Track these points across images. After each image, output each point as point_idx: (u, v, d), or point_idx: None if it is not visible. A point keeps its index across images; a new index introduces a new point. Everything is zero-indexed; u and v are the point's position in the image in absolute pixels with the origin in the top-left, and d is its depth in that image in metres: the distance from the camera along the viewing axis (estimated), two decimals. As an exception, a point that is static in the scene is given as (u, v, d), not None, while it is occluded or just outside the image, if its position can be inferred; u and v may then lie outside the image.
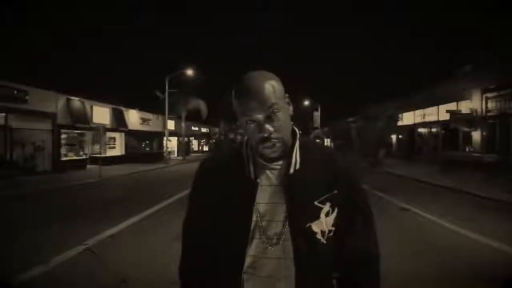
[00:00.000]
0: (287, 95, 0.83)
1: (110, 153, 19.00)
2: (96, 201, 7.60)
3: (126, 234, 4.68)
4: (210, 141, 42.28)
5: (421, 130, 20.01)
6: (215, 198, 0.85)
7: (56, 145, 14.14)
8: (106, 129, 17.66)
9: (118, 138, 20.15)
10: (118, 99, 19.77)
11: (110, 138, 19.33)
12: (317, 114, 40.35)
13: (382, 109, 19.78)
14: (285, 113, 0.80)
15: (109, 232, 4.66)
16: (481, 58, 15.06)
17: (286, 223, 0.80)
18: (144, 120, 23.16)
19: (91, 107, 16.80)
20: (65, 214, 6.01)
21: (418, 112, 19.72)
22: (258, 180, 0.82)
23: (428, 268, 3.34)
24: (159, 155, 23.36)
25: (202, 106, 25.48)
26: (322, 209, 0.81)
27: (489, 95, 13.43)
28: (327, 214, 0.81)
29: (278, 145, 0.78)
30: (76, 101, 15.49)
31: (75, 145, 16.37)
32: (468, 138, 14.71)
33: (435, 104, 17.36)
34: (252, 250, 0.81)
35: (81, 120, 15.57)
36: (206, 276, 0.87)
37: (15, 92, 11.90)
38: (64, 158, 14.86)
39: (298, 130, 0.87)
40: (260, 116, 0.76)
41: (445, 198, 7.63)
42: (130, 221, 5.34)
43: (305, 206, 0.80)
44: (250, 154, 0.84)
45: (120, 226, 5.01)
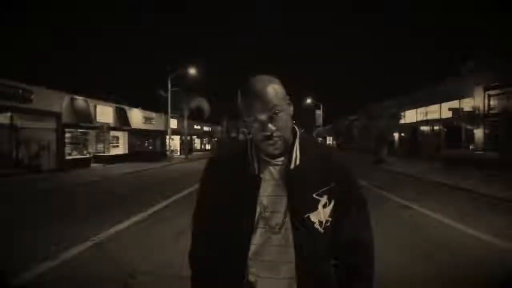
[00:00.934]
0: (288, 97, 0.91)
1: (114, 151, 19.18)
2: (101, 199, 7.72)
3: (132, 230, 4.78)
4: (213, 139, 42.39)
5: (423, 128, 20.00)
6: (222, 191, 0.93)
7: (60, 144, 14.30)
8: (109, 128, 17.88)
9: (121, 137, 20.31)
10: (120, 98, 19.94)
11: (114, 137, 19.50)
12: (319, 113, 40.31)
13: (384, 107, 19.78)
14: (286, 113, 0.88)
15: (115, 228, 4.76)
16: (482, 56, 15.04)
17: (287, 214, 0.88)
18: (147, 119, 23.31)
19: (95, 106, 16.94)
20: (70, 212, 6.13)
21: (420, 110, 19.70)
22: (262, 175, 0.91)
23: (425, 261, 3.41)
24: (162, 154, 23.52)
25: (205, 104, 25.58)
26: (320, 201, 0.89)
27: (491, 93, 13.42)
28: (325, 206, 0.89)
29: (279, 142, 0.87)
30: (80, 100, 15.64)
31: (79, 144, 16.54)
32: (470, 136, 14.71)
33: (438, 102, 17.34)
34: (256, 239, 0.89)
35: (85, 119, 15.73)
36: (215, 263, 0.95)
37: (20, 91, 12.03)
38: (68, 157, 15.03)
39: (298, 129, 0.96)
40: (263, 116, 0.84)
41: (445, 196, 7.67)
42: (135, 218, 5.44)
43: (304, 198, 0.88)
44: (254, 152, 0.93)
45: (126, 222, 5.11)
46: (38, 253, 3.67)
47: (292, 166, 0.89)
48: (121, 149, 20.15)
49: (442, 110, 16.96)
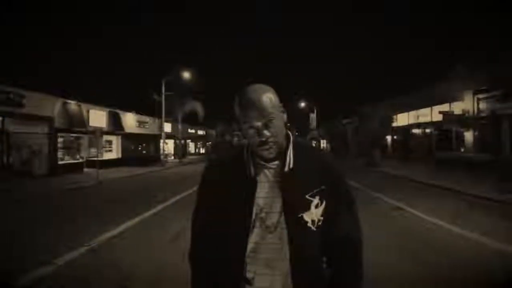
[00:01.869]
0: (281, 104, 0.98)
1: (107, 156, 19.02)
2: (95, 203, 7.67)
3: (127, 235, 4.78)
4: (207, 143, 42.28)
5: (415, 131, 20.31)
6: (221, 193, 0.99)
7: (52, 148, 14.15)
8: (102, 132, 17.72)
9: (115, 141, 20.17)
10: (115, 101, 19.83)
11: (107, 141, 19.35)
12: (313, 116, 40.59)
13: (377, 110, 20.05)
14: (280, 120, 0.94)
15: (110, 233, 4.75)
16: (473, 59, 15.39)
17: (282, 214, 0.94)
18: (140, 123, 23.19)
19: (88, 111, 16.83)
20: (65, 217, 6.09)
21: (412, 113, 20.01)
22: (258, 178, 0.97)
23: (412, 260, 3.49)
24: (156, 158, 23.39)
25: (199, 108, 25.58)
26: (312, 201, 0.95)
27: (480, 96, 13.72)
28: (317, 206, 0.95)
29: (274, 147, 0.93)
30: (72, 104, 15.52)
31: (72, 148, 16.37)
32: (460, 138, 15.00)
33: (429, 105, 17.65)
34: (253, 237, 0.95)
35: (77, 123, 15.60)
36: (214, 261, 1.00)
37: (12, 96, 11.92)
38: (60, 162, 14.87)
39: (291, 134, 1.02)
40: (259, 123, 0.90)
41: (437, 197, 7.82)
42: (130, 222, 5.43)
43: (297, 199, 0.95)
44: (250, 156, 0.99)
45: (120, 227, 5.10)
46: (32, 258, 3.65)
47: (286, 169, 0.96)
48: (114, 153, 20.00)
49: (433, 113, 17.26)
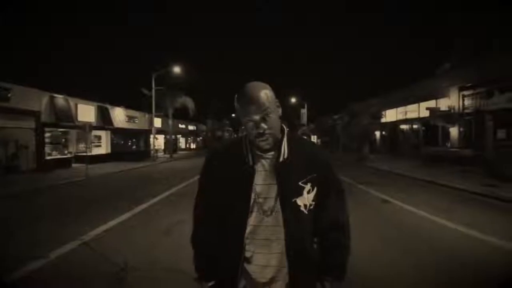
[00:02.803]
0: (277, 100, 1.08)
1: (96, 151, 18.76)
2: (86, 199, 7.63)
3: (119, 229, 4.81)
4: (198, 138, 42.13)
5: (403, 127, 20.76)
6: (221, 181, 1.09)
7: (40, 143, 13.90)
8: (91, 127, 17.45)
9: (104, 136, 19.90)
10: (104, 97, 19.53)
11: (96, 136, 19.08)
12: (303, 112, 40.91)
13: (366, 106, 20.39)
14: (275, 114, 1.05)
15: (103, 227, 4.78)
16: (459, 57, 15.80)
17: (278, 199, 1.04)
18: (130, 118, 22.93)
19: (76, 105, 16.54)
20: (56, 212, 6.06)
21: (400, 109, 20.43)
22: (255, 166, 1.07)
23: (399, 250, 3.67)
24: (146, 153, 23.21)
25: (190, 103, 25.42)
26: (304, 188, 1.06)
27: (465, 93, 14.13)
28: (309, 192, 1.06)
29: (270, 139, 1.03)
30: (60, 98, 15.23)
31: (60, 143, 16.09)
32: (446, 134, 15.45)
33: (416, 101, 18.06)
34: (251, 221, 1.05)
35: (65, 118, 15.32)
36: (215, 243, 1.10)
37: (-3, 89, 11.62)
38: (48, 157, 14.62)
39: (286, 127, 1.12)
40: (257, 117, 1.00)
41: (423, 191, 8.09)
42: (121, 217, 5.46)
43: (291, 186, 1.05)
44: (248, 146, 1.09)
45: (112, 222, 5.13)
46: (25, 253, 3.67)
47: (281, 159, 1.06)
48: (103, 148, 19.74)
49: (420, 109, 17.67)
